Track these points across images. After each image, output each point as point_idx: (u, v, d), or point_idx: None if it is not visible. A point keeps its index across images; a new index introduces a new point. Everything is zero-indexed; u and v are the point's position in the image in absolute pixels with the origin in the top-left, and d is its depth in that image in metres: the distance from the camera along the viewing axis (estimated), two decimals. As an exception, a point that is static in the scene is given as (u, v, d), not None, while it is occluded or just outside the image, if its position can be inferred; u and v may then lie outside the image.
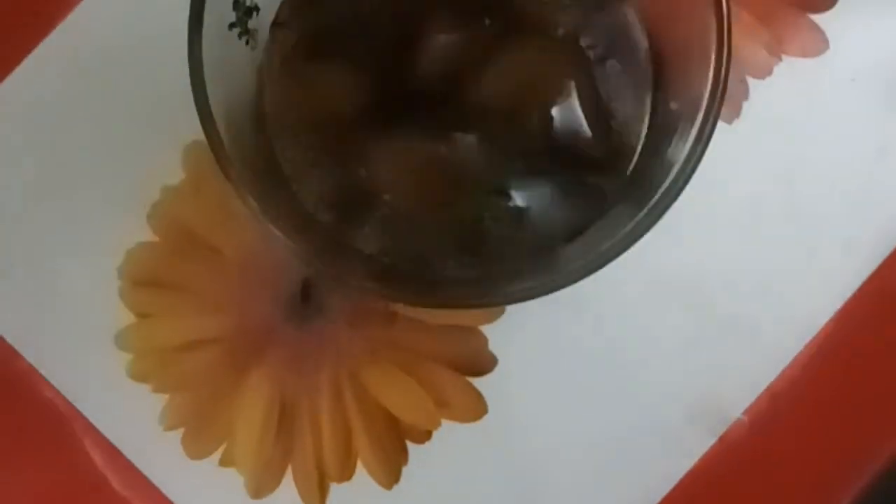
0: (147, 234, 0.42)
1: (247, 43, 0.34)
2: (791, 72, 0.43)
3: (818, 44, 0.43)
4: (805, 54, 0.43)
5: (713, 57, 0.29)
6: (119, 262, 0.42)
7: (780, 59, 0.43)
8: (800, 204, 0.42)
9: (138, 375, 0.41)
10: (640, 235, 0.29)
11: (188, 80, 0.29)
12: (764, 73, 0.43)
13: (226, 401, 0.41)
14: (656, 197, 0.29)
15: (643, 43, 0.35)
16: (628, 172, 0.34)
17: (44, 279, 0.42)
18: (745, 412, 0.41)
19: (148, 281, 0.42)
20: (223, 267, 0.42)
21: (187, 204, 0.42)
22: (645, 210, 0.29)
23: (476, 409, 0.41)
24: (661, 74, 0.34)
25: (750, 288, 0.41)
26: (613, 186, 0.34)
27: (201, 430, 0.41)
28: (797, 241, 0.42)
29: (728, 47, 0.29)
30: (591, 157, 0.33)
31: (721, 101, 0.29)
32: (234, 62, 0.32)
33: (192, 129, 0.38)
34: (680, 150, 0.30)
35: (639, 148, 0.34)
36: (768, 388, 0.41)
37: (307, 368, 0.42)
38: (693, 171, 0.29)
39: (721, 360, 0.41)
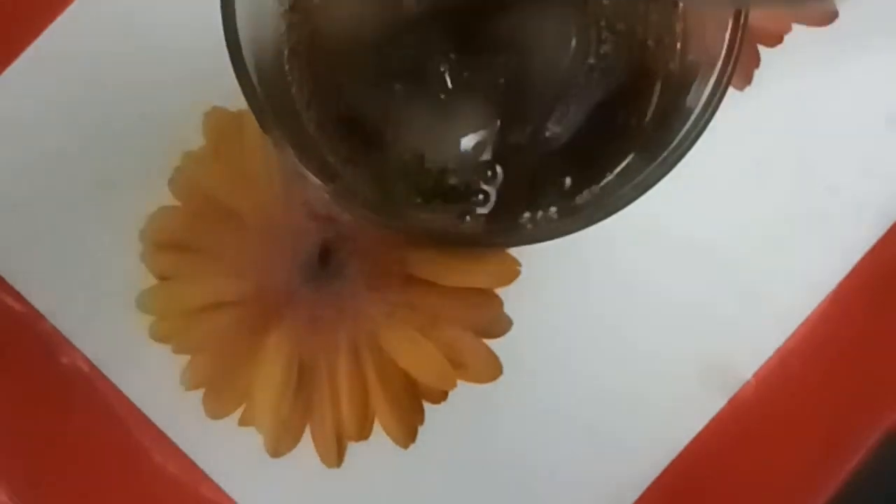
0: (168, 199, 0.42)
1: None
2: (802, 40, 0.44)
3: (828, 13, 0.44)
4: (815, 23, 0.44)
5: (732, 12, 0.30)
6: (141, 226, 0.42)
7: (791, 29, 0.43)
8: (809, 170, 0.42)
9: (160, 337, 0.42)
10: (653, 183, 0.29)
11: (210, 44, 0.29)
12: (775, 41, 0.43)
13: (245, 361, 0.42)
14: (671, 146, 0.29)
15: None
16: (646, 120, 0.34)
17: (68, 243, 0.42)
18: (755, 375, 0.42)
19: (169, 244, 0.42)
20: (242, 231, 0.42)
21: (207, 169, 0.43)
22: (659, 159, 0.29)
23: (491, 370, 0.42)
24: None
25: (761, 251, 0.42)
26: (634, 134, 0.34)
27: (221, 391, 0.42)
28: (807, 205, 0.42)
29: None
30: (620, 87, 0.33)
31: (738, 54, 0.30)
32: (264, 9, 0.32)
33: (213, 96, 0.42)
34: (695, 101, 0.30)
35: (654, 98, 0.34)
36: (778, 351, 0.42)
37: (325, 330, 0.42)
38: (707, 121, 0.30)
39: (732, 321, 0.42)
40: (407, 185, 0.33)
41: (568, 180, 0.34)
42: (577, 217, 0.29)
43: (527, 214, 0.33)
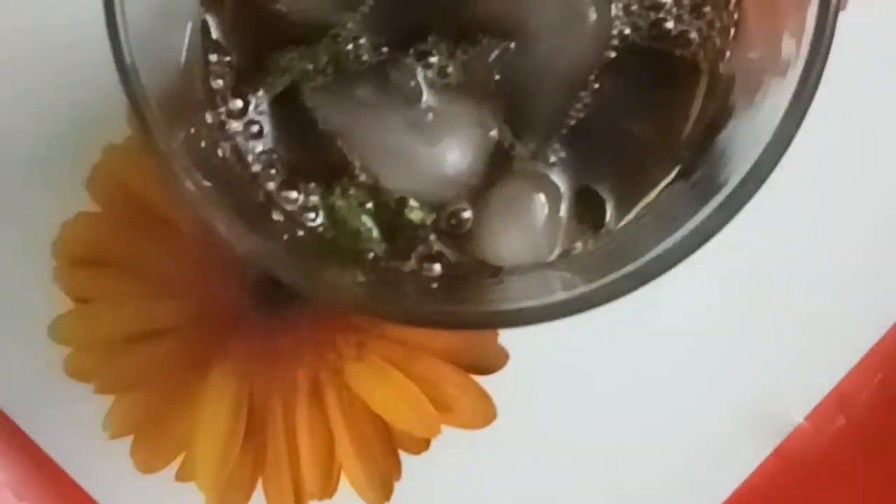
0: (86, 203, 0.39)
1: None
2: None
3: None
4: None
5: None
6: (53, 237, 0.39)
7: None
8: (879, 196, 0.39)
9: (78, 373, 0.39)
10: (712, 234, 0.23)
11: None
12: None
13: (183, 403, 0.39)
14: (736, 180, 0.23)
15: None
16: (682, 137, 0.28)
17: (-39, 258, 0.39)
18: (808, 417, 0.39)
19: (88, 259, 0.39)
20: (179, 242, 0.39)
21: (134, 166, 0.39)
22: (720, 198, 0.23)
23: (483, 413, 0.39)
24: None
25: (816, 278, 0.39)
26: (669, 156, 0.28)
27: (154, 438, 0.39)
28: (873, 233, 0.39)
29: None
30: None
31: (829, 45, 0.23)
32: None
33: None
34: (764, 117, 0.24)
35: (698, 104, 0.28)
36: (834, 390, 0.39)
37: (281, 364, 0.39)
38: (787, 145, 0.23)
39: (780, 357, 0.39)
40: (355, 217, 0.29)
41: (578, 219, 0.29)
42: (589, 291, 0.23)
43: (523, 275, 0.28)
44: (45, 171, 0.39)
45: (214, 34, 0.29)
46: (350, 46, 0.28)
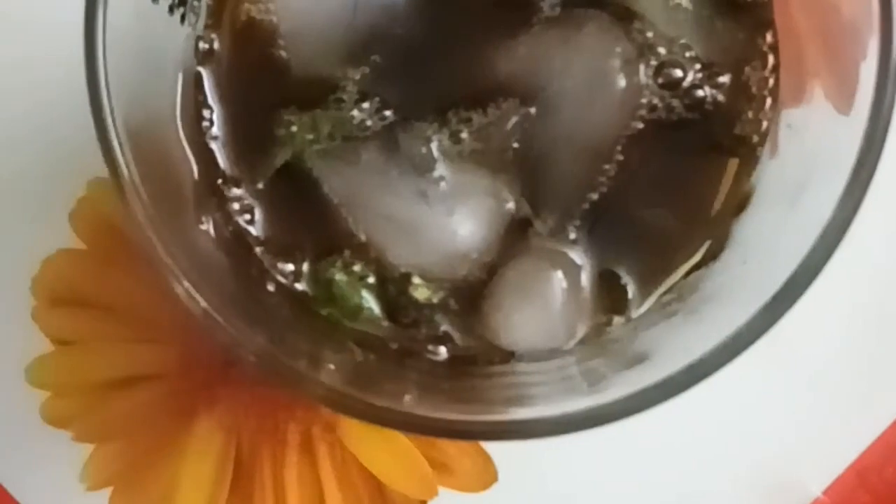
0: (69, 239, 0.38)
1: (182, 20, 0.26)
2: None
3: None
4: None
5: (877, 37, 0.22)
6: (33, 275, 0.38)
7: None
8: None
9: (56, 419, 0.38)
10: (747, 345, 0.21)
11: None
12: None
13: (166, 454, 0.38)
14: (784, 274, 0.21)
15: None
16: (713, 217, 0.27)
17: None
18: (827, 492, 0.38)
19: (69, 299, 0.39)
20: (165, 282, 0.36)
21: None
22: (759, 306, 0.21)
23: (484, 475, 0.38)
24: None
25: (836, 346, 0.38)
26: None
27: (135, 491, 0.38)
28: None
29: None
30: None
31: (889, 116, 0.21)
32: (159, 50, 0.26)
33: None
34: (813, 197, 0.22)
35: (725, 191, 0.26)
36: (853, 465, 0.38)
37: (271, 416, 0.38)
38: (838, 242, 0.21)
39: (797, 429, 0.38)
40: (355, 293, 0.27)
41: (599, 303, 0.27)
42: (611, 402, 0.21)
43: (537, 362, 0.26)
44: (27, 204, 0.38)
45: (208, 91, 0.27)
46: (354, 112, 0.27)
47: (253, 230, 0.27)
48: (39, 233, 0.38)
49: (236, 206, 0.27)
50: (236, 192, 0.27)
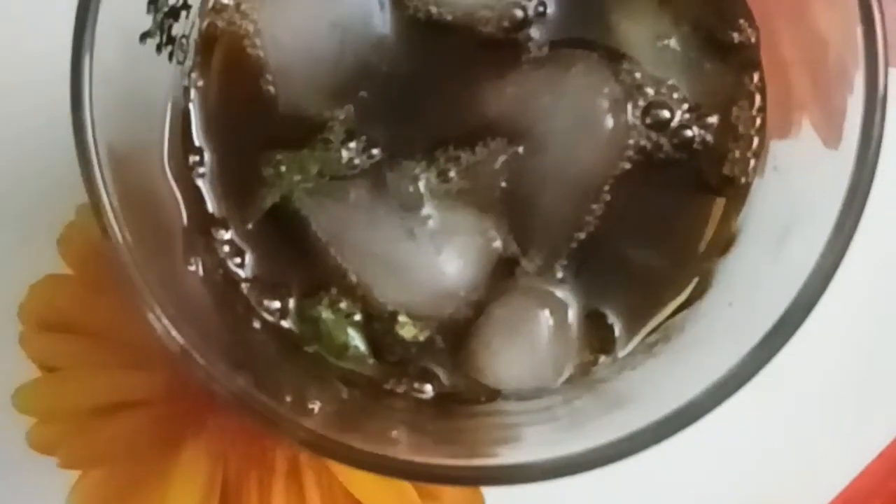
0: (57, 265, 0.38)
1: (170, 58, 0.26)
2: None
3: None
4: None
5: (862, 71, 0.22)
6: (20, 300, 0.38)
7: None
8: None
9: (42, 445, 0.38)
10: (736, 389, 0.21)
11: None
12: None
13: (153, 481, 0.38)
14: (775, 315, 0.21)
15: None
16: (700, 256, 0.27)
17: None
18: None
19: (57, 325, 0.38)
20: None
21: None
22: (746, 350, 0.21)
23: (470, 502, 0.38)
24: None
25: (821, 380, 0.38)
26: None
27: None
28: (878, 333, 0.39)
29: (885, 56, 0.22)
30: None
31: (877, 151, 0.22)
32: (146, 88, 0.25)
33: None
34: (796, 248, 0.22)
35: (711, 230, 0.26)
36: (840, 496, 0.38)
37: (258, 442, 0.38)
38: (828, 282, 0.21)
39: (785, 460, 0.38)
40: (341, 331, 0.27)
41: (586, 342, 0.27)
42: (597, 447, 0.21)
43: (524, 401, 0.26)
44: (16, 229, 0.38)
45: (196, 129, 0.27)
46: (342, 151, 0.27)
47: (241, 272, 0.27)
48: (27, 258, 0.38)
49: (226, 248, 0.27)
50: (225, 235, 0.27)
